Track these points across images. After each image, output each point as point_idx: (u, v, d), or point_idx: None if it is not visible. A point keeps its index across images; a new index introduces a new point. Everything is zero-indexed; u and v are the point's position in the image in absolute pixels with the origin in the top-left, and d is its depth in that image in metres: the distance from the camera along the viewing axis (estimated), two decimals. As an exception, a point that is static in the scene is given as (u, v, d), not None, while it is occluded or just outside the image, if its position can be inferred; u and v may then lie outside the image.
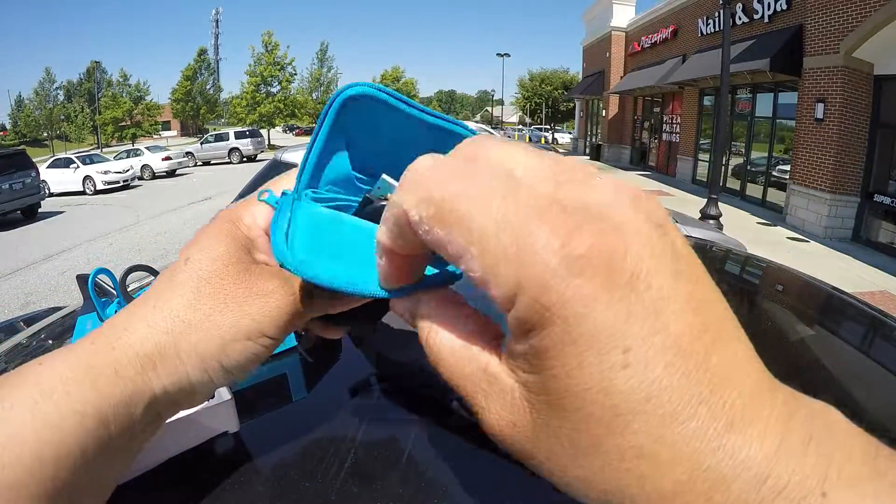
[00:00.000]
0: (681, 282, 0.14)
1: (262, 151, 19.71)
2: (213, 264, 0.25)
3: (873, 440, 0.14)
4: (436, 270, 0.22)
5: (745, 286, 0.94)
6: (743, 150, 8.91)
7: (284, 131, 43.46)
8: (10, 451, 0.19)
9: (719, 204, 5.87)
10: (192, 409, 0.35)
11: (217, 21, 41.66)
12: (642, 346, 0.13)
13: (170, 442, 0.35)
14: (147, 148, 16.89)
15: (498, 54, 34.05)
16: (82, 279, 0.62)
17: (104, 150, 25.24)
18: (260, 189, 0.28)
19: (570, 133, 28.40)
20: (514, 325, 0.14)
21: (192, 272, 0.24)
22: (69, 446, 0.20)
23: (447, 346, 0.17)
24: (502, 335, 0.17)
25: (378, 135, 0.26)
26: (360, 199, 0.27)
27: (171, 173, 15.99)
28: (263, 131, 25.36)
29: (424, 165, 0.15)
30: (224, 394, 0.37)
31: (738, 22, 8.39)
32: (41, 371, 0.21)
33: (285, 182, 0.29)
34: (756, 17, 8.02)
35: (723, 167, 8.11)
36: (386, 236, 0.17)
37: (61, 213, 10.28)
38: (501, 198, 0.14)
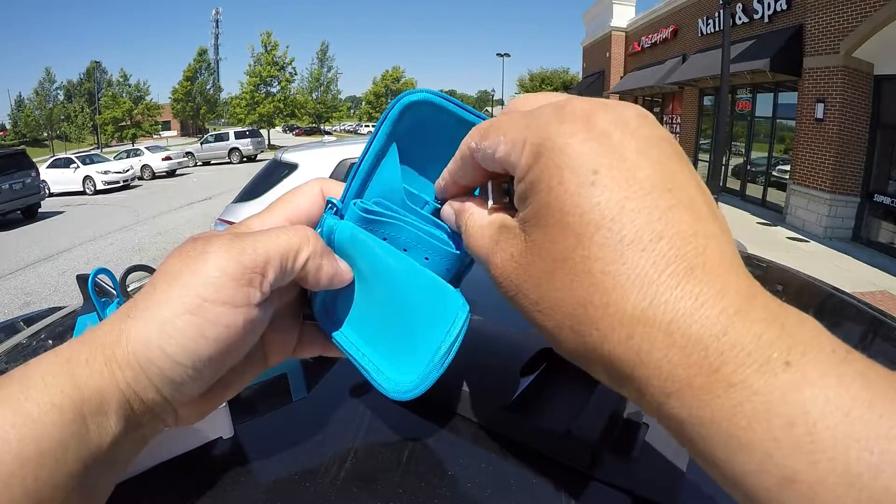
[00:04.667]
0: (651, 150, 0.17)
1: (262, 151, 19.72)
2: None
3: (845, 344, 0.15)
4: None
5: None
6: (743, 150, 8.90)
7: (284, 131, 43.44)
8: None
9: (719, 204, 5.85)
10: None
11: (217, 21, 41.62)
12: (608, 172, 0.16)
13: (162, 446, 0.35)
14: (147, 148, 16.88)
15: (498, 54, 34.04)
16: (82, 279, 0.62)
17: (104, 150, 25.22)
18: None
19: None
20: (520, 174, 0.19)
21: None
22: (50, 442, 0.19)
23: (479, 222, 0.23)
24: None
25: (429, 144, 0.26)
26: (408, 219, 0.26)
27: (171, 173, 15.99)
28: (263, 131, 25.35)
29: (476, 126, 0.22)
30: None
31: (738, 22, 8.39)
32: (26, 369, 0.21)
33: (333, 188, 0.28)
34: (756, 17, 8.01)
35: (723, 167, 8.11)
36: (451, 168, 0.24)
37: (61, 213, 10.27)
38: (521, 114, 0.20)
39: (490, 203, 0.23)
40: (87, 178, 12.83)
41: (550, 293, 0.18)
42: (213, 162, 19.66)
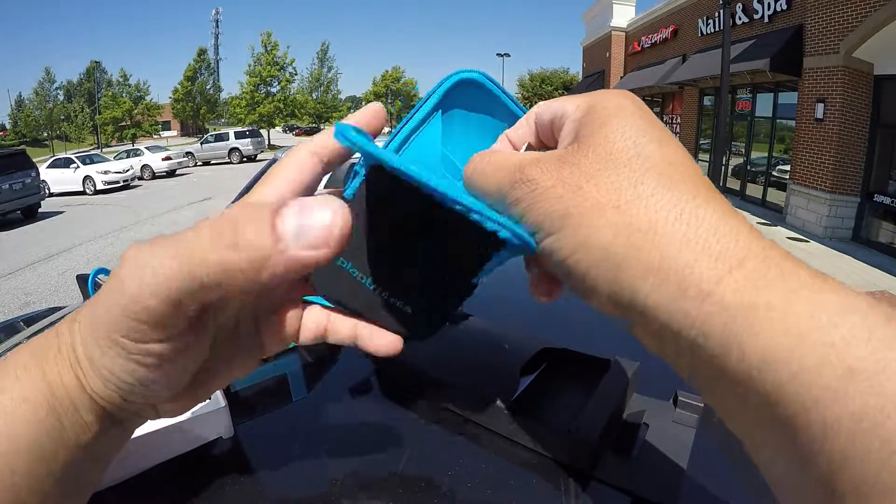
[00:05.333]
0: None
1: (262, 151, 19.68)
2: None
3: None
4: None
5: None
6: (743, 150, 8.90)
7: (284, 131, 43.40)
8: None
9: (719, 204, 5.86)
10: (184, 416, 0.35)
11: (217, 21, 41.59)
12: (654, 122, 0.20)
13: (161, 446, 0.35)
14: (147, 148, 16.85)
15: (498, 54, 34.01)
16: (82, 279, 0.62)
17: (104, 150, 25.20)
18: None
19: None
20: (574, 115, 0.21)
21: None
22: (25, 438, 0.18)
23: (502, 152, 0.22)
24: None
25: (469, 126, 0.26)
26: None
27: (171, 173, 15.96)
28: (263, 131, 25.34)
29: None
30: (219, 400, 0.37)
31: (738, 22, 8.39)
32: (4, 361, 0.20)
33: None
34: (756, 17, 8.01)
35: (723, 167, 8.11)
36: (513, 130, 0.24)
37: (61, 213, 10.26)
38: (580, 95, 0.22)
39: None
40: (87, 178, 12.81)
41: (609, 179, 0.18)
42: (213, 162, 19.62)
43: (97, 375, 0.19)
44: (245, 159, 19.04)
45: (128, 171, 13.64)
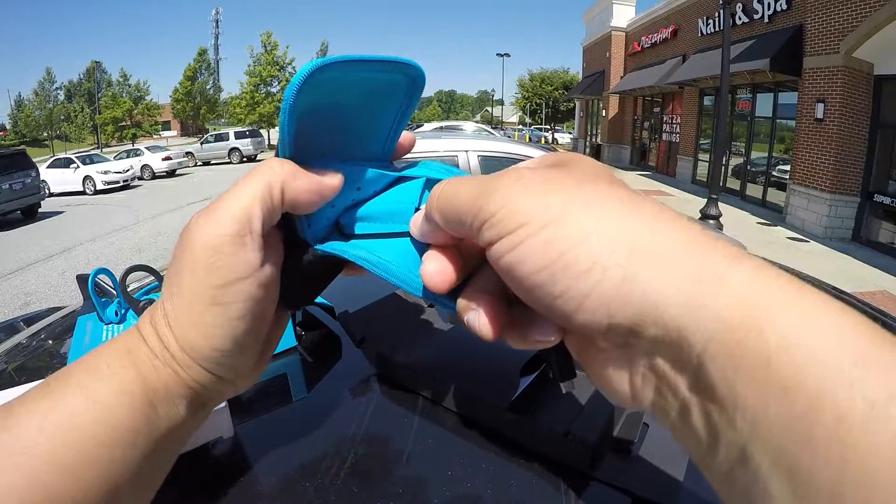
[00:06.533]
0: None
1: (262, 151, 19.69)
2: None
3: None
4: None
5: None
6: (743, 150, 8.90)
7: (284, 131, 43.33)
8: (67, 433, 0.19)
9: (719, 204, 5.87)
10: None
11: (217, 21, 41.59)
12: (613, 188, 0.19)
13: None
14: (147, 148, 16.84)
15: (498, 54, 34.02)
16: (82, 279, 0.62)
17: (104, 150, 25.21)
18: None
19: (570, 133, 28.35)
20: (537, 164, 0.22)
21: None
22: (124, 426, 0.20)
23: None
24: None
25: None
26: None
27: (171, 173, 15.97)
28: (263, 131, 25.33)
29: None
30: None
31: (738, 22, 8.39)
32: (88, 361, 0.22)
33: None
34: (756, 17, 8.01)
35: (723, 167, 8.10)
36: (417, 231, 0.23)
37: (61, 213, 10.26)
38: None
39: None
40: (87, 178, 12.81)
41: (608, 182, 0.18)
42: (213, 162, 19.63)
43: (193, 361, 0.22)
44: (245, 159, 19.04)
45: (128, 171, 13.63)
